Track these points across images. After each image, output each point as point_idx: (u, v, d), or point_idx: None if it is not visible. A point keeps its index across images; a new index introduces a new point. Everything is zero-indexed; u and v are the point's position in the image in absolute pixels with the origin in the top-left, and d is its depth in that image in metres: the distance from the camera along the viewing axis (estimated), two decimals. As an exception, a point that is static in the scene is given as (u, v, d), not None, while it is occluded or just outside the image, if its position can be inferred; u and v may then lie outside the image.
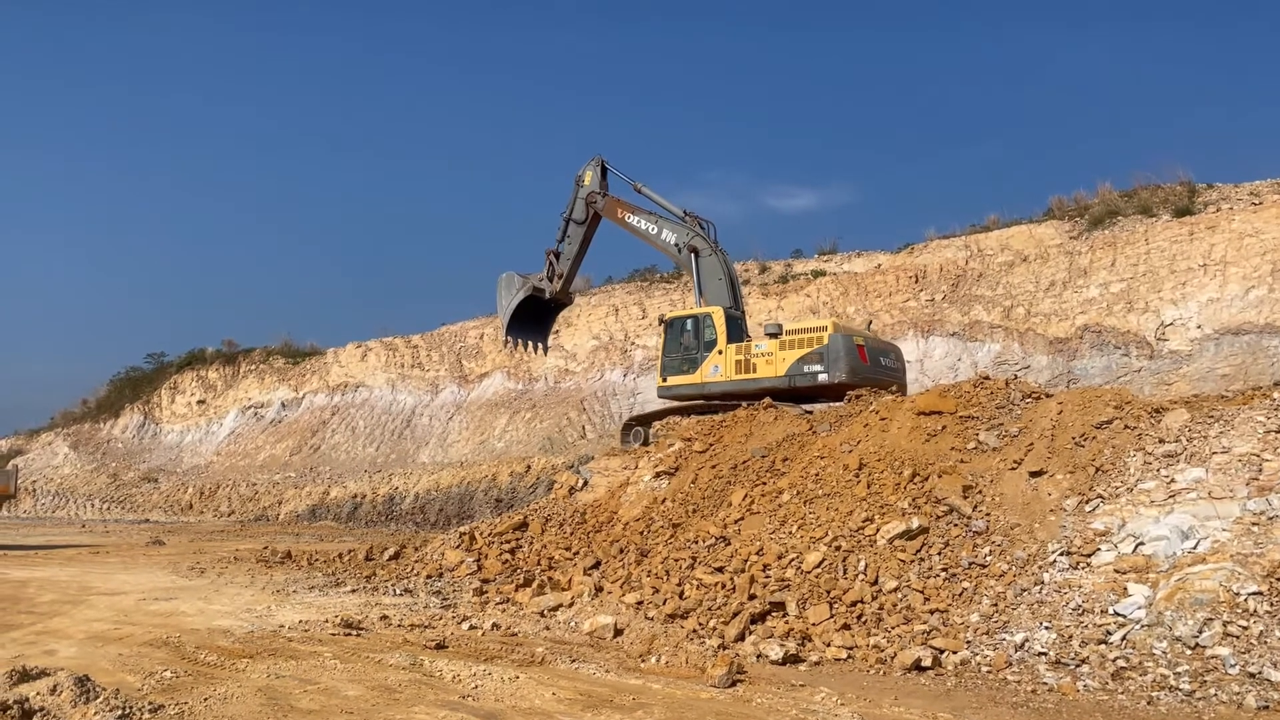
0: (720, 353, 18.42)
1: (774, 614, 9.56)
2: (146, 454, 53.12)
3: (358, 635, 9.95)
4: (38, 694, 6.58)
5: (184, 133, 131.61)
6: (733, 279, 19.77)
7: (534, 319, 22.87)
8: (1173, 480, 9.62)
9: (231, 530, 32.30)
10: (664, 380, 19.44)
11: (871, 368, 17.40)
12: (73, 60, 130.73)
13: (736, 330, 18.97)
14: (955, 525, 10.20)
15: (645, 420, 20.14)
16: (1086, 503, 9.86)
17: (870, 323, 31.69)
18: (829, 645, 8.90)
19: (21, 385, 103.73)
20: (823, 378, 17.05)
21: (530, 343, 23.38)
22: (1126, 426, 10.80)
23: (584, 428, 37.38)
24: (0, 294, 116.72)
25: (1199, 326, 25.28)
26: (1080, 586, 8.77)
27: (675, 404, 19.71)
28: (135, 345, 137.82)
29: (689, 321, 19.25)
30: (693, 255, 19.74)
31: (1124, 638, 8.02)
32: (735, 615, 9.56)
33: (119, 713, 6.46)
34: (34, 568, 17.26)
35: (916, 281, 33.37)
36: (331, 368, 51.32)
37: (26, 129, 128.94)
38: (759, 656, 8.81)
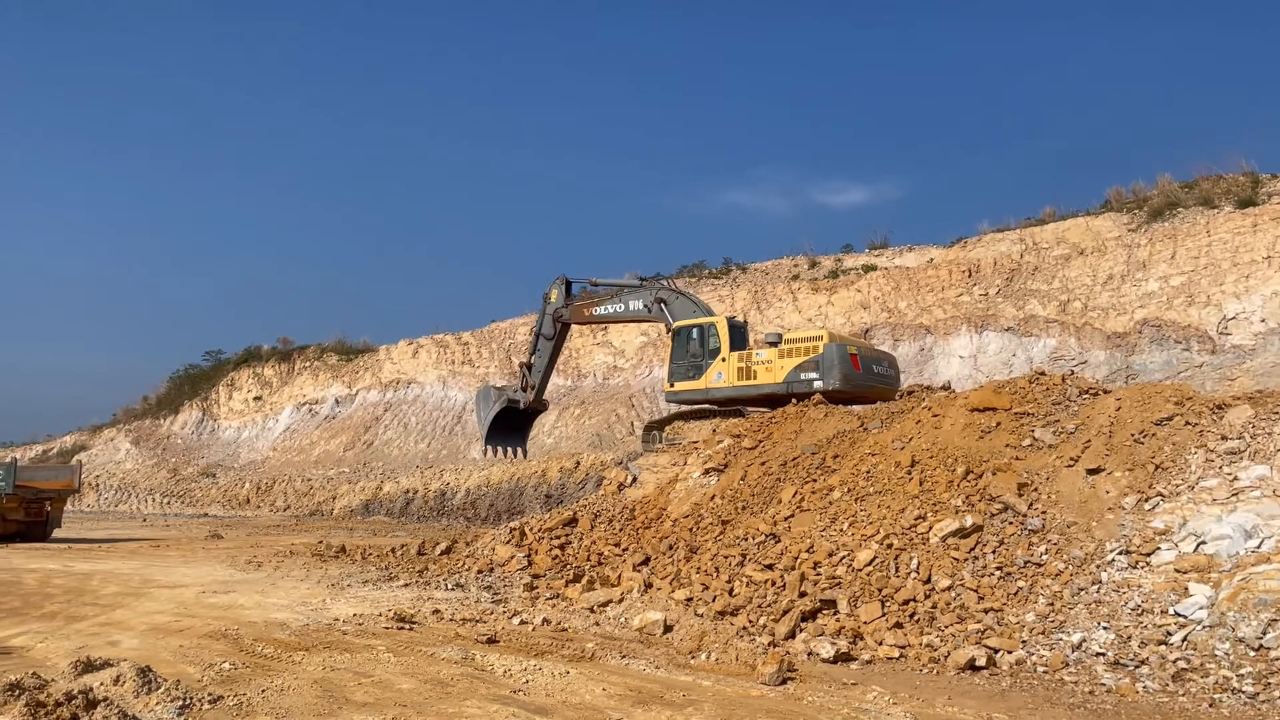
0: (724, 360, 19.22)
1: (825, 612, 9.49)
2: (205, 450, 54.23)
3: (410, 629, 10.08)
4: (101, 684, 6.76)
5: (244, 132, 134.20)
6: (704, 310, 20.95)
7: (512, 426, 24.26)
8: (1236, 478, 9.38)
9: (287, 525, 32.91)
10: (671, 385, 20.38)
11: (865, 375, 18.21)
12: (141, 61, 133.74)
13: (741, 339, 19.78)
14: (1010, 523, 10.04)
15: (662, 424, 21.00)
16: (1146, 501, 9.65)
17: (867, 331, 32.99)
18: (881, 644, 8.82)
19: (84, 382, 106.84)
20: (818, 385, 17.79)
21: (509, 449, 24.78)
22: (1187, 423, 10.54)
23: (632, 424, 37.40)
24: (65, 294, 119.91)
25: (1263, 320, 24.60)
26: (1139, 586, 8.59)
27: (682, 408, 20.70)
28: (193, 343, 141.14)
29: (695, 330, 20.12)
30: (662, 306, 21.01)
31: (1185, 639, 7.84)
32: (786, 613, 9.50)
33: (180, 703, 6.61)
34: (98, 561, 17.72)
35: (970, 276, 32.90)
36: (384, 365, 51.96)
37: (77, 125, 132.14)
38: (810, 654, 8.75)
